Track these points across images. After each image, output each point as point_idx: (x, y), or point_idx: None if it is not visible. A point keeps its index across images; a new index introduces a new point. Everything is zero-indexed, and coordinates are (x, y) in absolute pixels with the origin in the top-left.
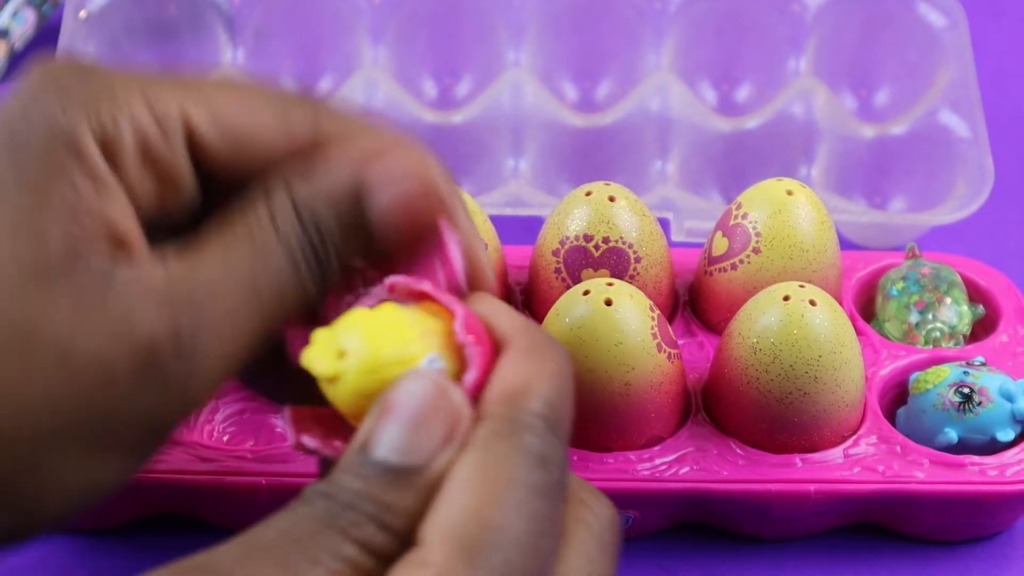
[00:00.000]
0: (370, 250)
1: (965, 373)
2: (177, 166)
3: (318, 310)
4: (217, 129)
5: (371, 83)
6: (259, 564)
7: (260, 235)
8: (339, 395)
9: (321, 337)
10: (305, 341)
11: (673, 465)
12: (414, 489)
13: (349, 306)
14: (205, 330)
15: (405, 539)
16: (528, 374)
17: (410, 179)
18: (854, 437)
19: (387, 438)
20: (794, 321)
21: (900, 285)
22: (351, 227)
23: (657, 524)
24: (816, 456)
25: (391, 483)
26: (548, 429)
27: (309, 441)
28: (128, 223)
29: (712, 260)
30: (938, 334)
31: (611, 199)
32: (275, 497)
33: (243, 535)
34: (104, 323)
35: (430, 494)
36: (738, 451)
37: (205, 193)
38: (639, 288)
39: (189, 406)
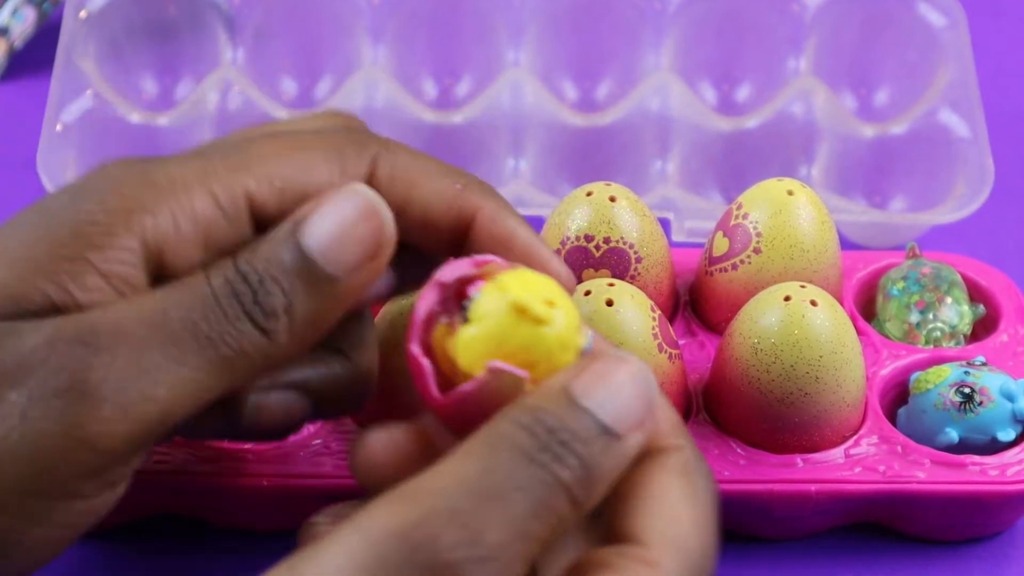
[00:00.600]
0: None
1: (966, 373)
2: (243, 242)
3: None
4: (280, 197)
5: (371, 83)
6: (514, 538)
7: (190, 283)
8: (537, 339)
9: (516, 281)
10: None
11: None
12: (616, 457)
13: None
14: (103, 353)
15: (591, 505)
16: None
17: (342, 207)
18: (855, 437)
19: (610, 399)
20: (795, 321)
21: (901, 285)
22: (297, 273)
23: None
24: (817, 456)
25: (605, 443)
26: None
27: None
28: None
29: (713, 260)
30: (939, 334)
31: (612, 199)
32: (276, 497)
33: (456, 462)
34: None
35: (621, 467)
36: (739, 451)
37: None
38: (640, 288)
39: (92, 437)
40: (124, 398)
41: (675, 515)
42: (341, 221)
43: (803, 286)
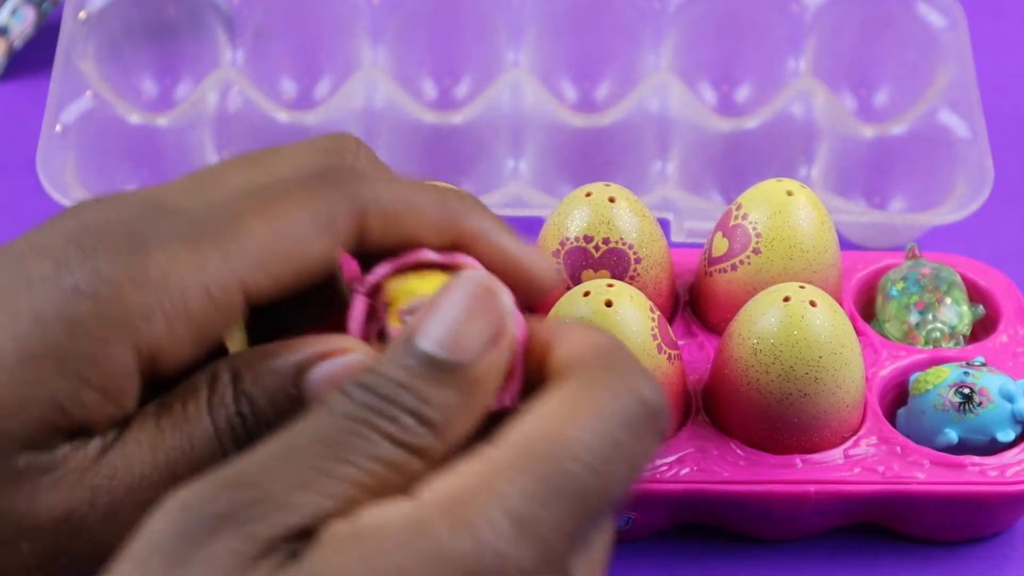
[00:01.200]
0: None
1: (965, 373)
2: (229, 328)
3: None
4: (273, 281)
5: (371, 84)
6: (291, 474)
7: (194, 421)
8: None
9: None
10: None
11: (674, 466)
12: (457, 386)
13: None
14: (112, 516)
15: (448, 439)
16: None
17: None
18: (854, 438)
19: (432, 331)
20: (794, 322)
21: (900, 285)
22: (290, 414)
23: (657, 525)
24: (816, 457)
25: (433, 376)
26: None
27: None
28: (98, 413)
29: (712, 261)
30: (938, 334)
31: (611, 200)
32: None
33: (275, 439)
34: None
35: (475, 395)
36: (738, 452)
37: None
38: (639, 289)
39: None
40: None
41: (541, 417)
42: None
43: (802, 287)
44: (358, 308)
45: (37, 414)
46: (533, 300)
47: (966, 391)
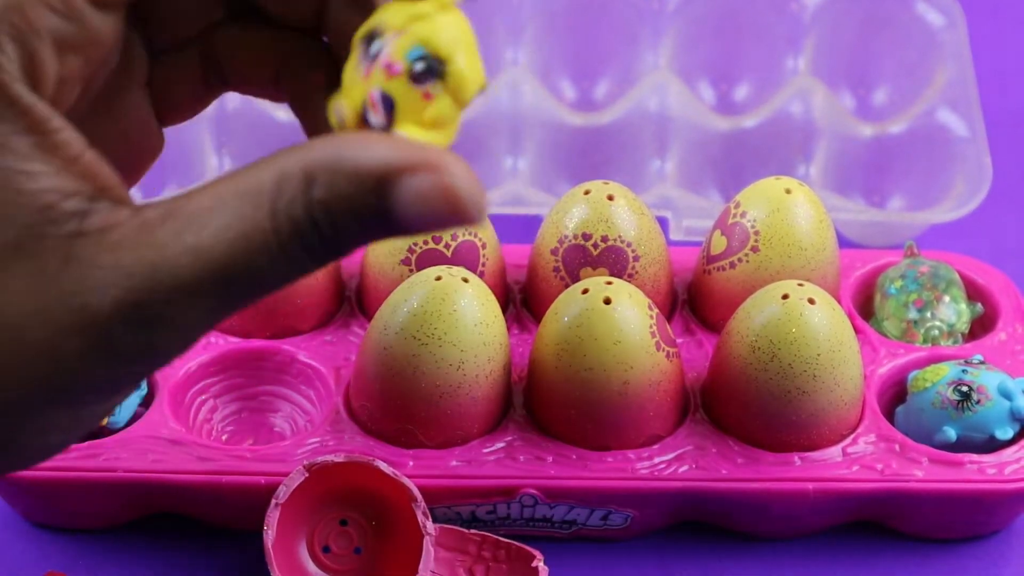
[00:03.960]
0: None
1: (964, 371)
2: (103, 34)
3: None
4: None
5: None
6: None
7: (253, 219)
8: None
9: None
10: None
11: (672, 464)
12: None
13: None
14: (161, 313)
15: None
16: None
17: (437, 199)
18: (853, 435)
19: None
20: (793, 319)
21: (899, 283)
22: (370, 222)
23: (656, 522)
24: (815, 455)
25: None
26: None
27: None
28: (88, 166)
29: (711, 259)
30: (937, 332)
31: (610, 198)
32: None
33: None
34: (57, 304)
35: None
36: (737, 450)
37: None
38: (638, 287)
39: (142, 374)
40: (174, 330)
41: None
42: (434, 199)
43: (801, 284)
44: None
45: None
46: None
47: (964, 389)
